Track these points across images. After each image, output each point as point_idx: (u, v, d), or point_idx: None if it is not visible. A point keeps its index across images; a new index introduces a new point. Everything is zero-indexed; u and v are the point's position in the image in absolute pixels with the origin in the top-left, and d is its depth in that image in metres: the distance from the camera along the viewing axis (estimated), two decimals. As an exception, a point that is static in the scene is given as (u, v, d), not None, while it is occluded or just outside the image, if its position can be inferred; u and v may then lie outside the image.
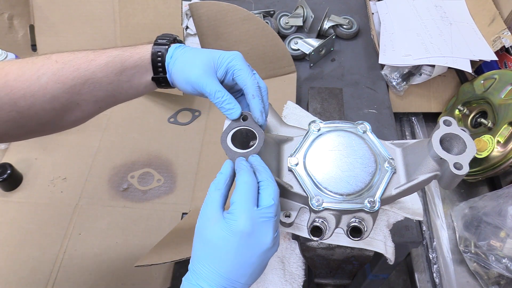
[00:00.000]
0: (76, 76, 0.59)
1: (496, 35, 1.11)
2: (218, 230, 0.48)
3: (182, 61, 0.61)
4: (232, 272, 0.48)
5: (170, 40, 0.63)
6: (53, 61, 0.59)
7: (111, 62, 0.61)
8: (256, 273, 0.50)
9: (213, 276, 0.48)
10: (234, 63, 0.59)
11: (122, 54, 0.61)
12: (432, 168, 0.56)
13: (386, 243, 0.72)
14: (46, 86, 0.58)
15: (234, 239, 0.48)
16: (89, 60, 0.60)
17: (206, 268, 0.49)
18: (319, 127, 0.63)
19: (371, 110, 1.13)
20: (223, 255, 0.48)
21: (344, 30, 1.29)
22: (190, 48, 0.63)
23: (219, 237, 0.48)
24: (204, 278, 0.48)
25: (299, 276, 0.76)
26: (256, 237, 0.49)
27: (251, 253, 0.49)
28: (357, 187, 0.57)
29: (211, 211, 0.50)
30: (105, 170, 1.05)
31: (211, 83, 0.58)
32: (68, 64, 0.59)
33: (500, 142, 0.97)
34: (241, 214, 0.48)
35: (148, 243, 0.87)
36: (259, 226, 0.49)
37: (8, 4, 1.12)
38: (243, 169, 0.52)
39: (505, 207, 0.92)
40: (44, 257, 0.90)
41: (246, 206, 0.49)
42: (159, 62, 0.62)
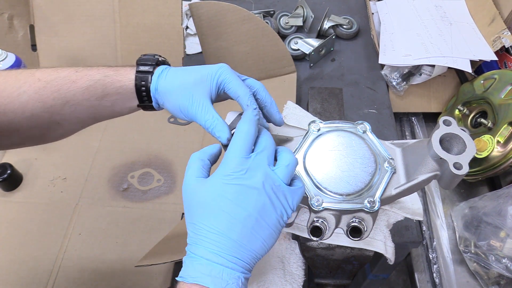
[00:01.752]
0: (56, 96, 0.58)
1: (496, 35, 1.11)
2: (208, 185, 0.47)
3: (170, 93, 0.58)
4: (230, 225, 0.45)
5: (153, 65, 0.60)
6: (35, 79, 0.58)
7: (92, 87, 0.59)
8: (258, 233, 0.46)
9: (211, 236, 0.45)
10: (223, 78, 0.57)
11: (104, 80, 0.59)
12: (432, 168, 0.56)
13: (386, 243, 0.72)
14: (26, 104, 0.58)
15: (227, 182, 0.46)
16: (70, 81, 0.59)
17: (203, 231, 0.45)
18: (319, 127, 0.63)
19: (371, 110, 1.13)
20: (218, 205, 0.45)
21: (344, 30, 1.30)
22: (174, 72, 0.59)
23: (210, 190, 0.46)
24: (201, 245, 0.45)
25: (299, 276, 0.76)
26: (246, 180, 0.46)
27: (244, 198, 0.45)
28: (357, 187, 0.57)
29: (195, 178, 0.49)
30: (105, 170, 1.05)
31: (201, 115, 0.56)
32: (50, 84, 0.58)
33: (500, 142, 0.97)
34: (232, 159, 0.47)
35: (148, 243, 0.87)
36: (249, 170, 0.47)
37: (8, 4, 1.12)
38: (247, 119, 0.51)
39: (505, 207, 0.92)
40: (44, 257, 0.90)
41: (237, 152, 0.48)
42: (144, 91, 0.60)
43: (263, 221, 0.46)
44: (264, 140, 0.51)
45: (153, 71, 0.59)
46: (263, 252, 0.47)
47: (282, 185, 0.48)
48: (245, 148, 0.49)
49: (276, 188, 0.47)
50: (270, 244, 0.47)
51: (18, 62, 1.04)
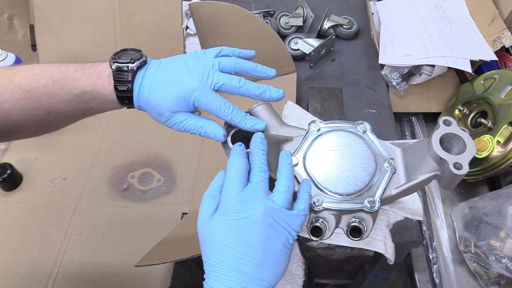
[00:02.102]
0: (39, 107, 0.58)
1: (496, 35, 1.11)
2: (213, 223, 0.49)
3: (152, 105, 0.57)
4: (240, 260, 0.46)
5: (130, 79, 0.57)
6: (15, 86, 0.57)
7: (73, 100, 0.58)
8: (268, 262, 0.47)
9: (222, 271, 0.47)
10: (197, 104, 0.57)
11: (83, 95, 0.58)
12: (432, 168, 0.56)
13: (386, 243, 0.72)
14: (9, 112, 0.57)
15: (229, 219, 0.48)
16: (50, 93, 0.57)
17: (215, 268, 0.47)
18: (319, 127, 0.63)
19: (371, 110, 1.13)
20: (225, 243, 0.47)
21: (344, 30, 1.30)
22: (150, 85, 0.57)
23: (216, 228, 0.48)
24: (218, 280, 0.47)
25: (299, 276, 0.76)
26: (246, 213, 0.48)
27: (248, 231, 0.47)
28: (357, 187, 0.57)
29: (206, 216, 0.50)
30: (105, 170, 1.05)
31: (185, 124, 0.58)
32: (30, 93, 0.57)
33: (500, 142, 0.97)
34: (229, 194, 0.49)
35: (148, 243, 0.87)
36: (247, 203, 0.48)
37: (8, 4, 1.12)
38: (234, 153, 0.53)
39: (505, 207, 0.92)
40: (44, 257, 0.90)
41: (233, 185, 0.49)
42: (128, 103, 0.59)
43: (269, 250, 0.47)
44: (257, 170, 0.51)
45: (132, 88, 0.57)
46: (276, 279, 0.48)
47: (282, 211, 0.49)
48: (238, 182, 0.50)
49: (277, 216, 0.49)
50: (282, 270, 0.49)
51: (18, 62, 1.04)
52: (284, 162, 0.54)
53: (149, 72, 0.58)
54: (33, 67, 0.59)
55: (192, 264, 1.69)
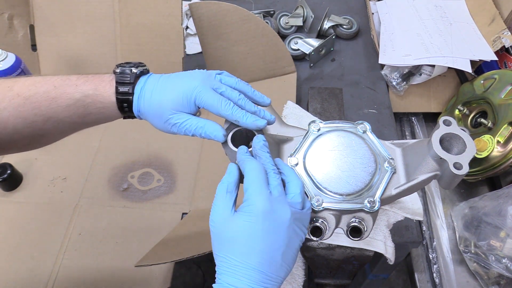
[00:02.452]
0: (37, 113, 0.58)
1: (496, 35, 1.11)
2: (238, 223, 0.48)
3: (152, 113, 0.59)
4: (262, 260, 0.47)
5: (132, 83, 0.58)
6: (15, 94, 0.57)
7: (72, 105, 0.58)
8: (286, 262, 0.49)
9: (244, 271, 0.47)
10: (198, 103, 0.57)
11: (84, 100, 0.58)
12: (432, 168, 0.56)
13: (386, 243, 0.72)
14: (7, 121, 0.57)
15: (256, 221, 0.48)
16: (50, 98, 0.58)
17: (235, 267, 0.47)
18: (319, 127, 0.63)
19: (371, 110, 1.13)
20: (249, 244, 0.47)
21: (344, 30, 1.30)
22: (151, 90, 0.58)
23: (240, 228, 0.48)
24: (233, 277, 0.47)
25: (299, 276, 0.76)
26: (276, 215, 0.48)
27: (275, 232, 0.48)
28: (357, 187, 0.57)
29: (226, 213, 0.50)
30: (105, 170, 1.05)
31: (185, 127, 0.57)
32: (29, 100, 0.57)
33: (500, 142, 0.97)
34: (258, 196, 0.49)
35: (148, 243, 0.87)
36: (275, 204, 0.49)
37: (8, 4, 1.12)
38: (247, 159, 0.53)
39: (505, 207, 0.92)
40: (44, 257, 0.90)
41: (260, 188, 0.49)
42: (127, 109, 0.60)
43: (289, 251, 0.49)
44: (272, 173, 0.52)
45: (133, 92, 0.58)
46: (287, 275, 0.50)
47: (300, 213, 0.51)
48: (265, 184, 0.50)
49: (297, 219, 0.51)
50: (293, 265, 0.51)
51: (18, 62, 1.03)
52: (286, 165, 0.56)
53: (151, 79, 0.60)
54: (34, 77, 0.60)
55: (192, 264, 1.69)
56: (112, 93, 0.58)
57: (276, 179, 0.52)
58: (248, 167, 0.52)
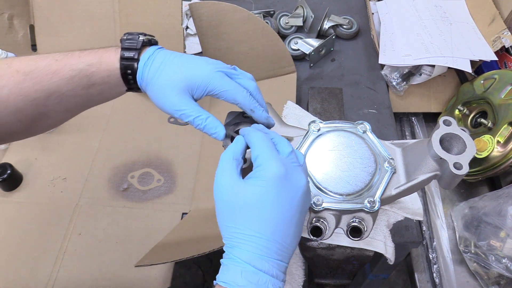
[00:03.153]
0: (39, 89, 0.55)
1: (496, 35, 1.11)
2: (250, 189, 0.45)
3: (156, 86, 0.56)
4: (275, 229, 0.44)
5: (138, 49, 0.57)
6: (13, 71, 0.55)
7: (76, 77, 0.56)
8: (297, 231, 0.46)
9: (257, 241, 0.44)
10: (213, 87, 0.55)
11: (87, 69, 0.56)
12: (432, 168, 0.56)
13: (386, 243, 0.72)
14: (7, 99, 0.55)
15: (270, 186, 0.44)
16: (51, 72, 0.55)
17: (247, 235, 0.44)
18: (319, 127, 0.63)
19: (371, 110, 1.13)
20: (263, 211, 0.44)
21: (344, 30, 1.29)
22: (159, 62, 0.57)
23: (253, 194, 0.44)
24: (245, 249, 0.44)
25: (299, 276, 0.76)
26: (291, 180, 0.46)
27: (289, 199, 0.45)
28: (357, 187, 0.57)
29: (233, 178, 0.46)
30: (105, 170, 1.05)
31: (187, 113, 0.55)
32: (30, 76, 0.55)
33: (500, 142, 0.97)
34: (271, 160, 0.46)
35: (148, 243, 0.87)
36: (290, 170, 0.46)
37: (8, 4, 1.12)
38: (252, 130, 0.51)
39: (505, 207, 0.92)
40: (44, 257, 0.90)
41: (272, 153, 0.47)
42: (131, 78, 0.57)
43: (302, 218, 0.47)
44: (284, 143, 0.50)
45: (138, 57, 0.56)
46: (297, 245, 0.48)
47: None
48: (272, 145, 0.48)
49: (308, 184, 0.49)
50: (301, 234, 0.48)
51: (18, 62, 1.04)
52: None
53: (163, 52, 0.57)
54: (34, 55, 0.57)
55: (192, 264, 1.69)
56: (116, 60, 0.56)
57: (288, 146, 0.49)
58: (254, 137, 0.49)
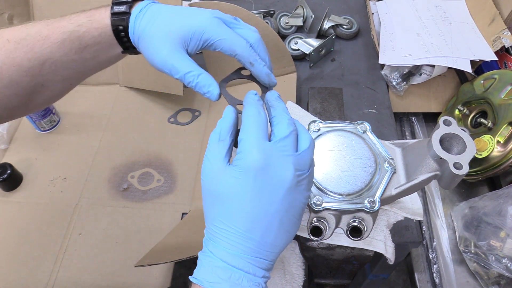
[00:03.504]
0: (31, 57, 0.52)
1: (496, 35, 1.11)
2: (227, 177, 0.41)
3: (145, 40, 0.52)
4: (252, 225, 0.40)
5: (129, 2, 0.53)
6: (5, 40, 0.53)
7: (67, 40, 0.53)
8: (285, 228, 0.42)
9: (230, 237, 0.40)
10: (208, 35, 0.50)
11: (78, 30, 0.53)
12: (432, 168, 0.56)
13: (386, 243, 0.72)
14: (1, 71, 0.52)
15: (246, 178, 0.40)
16: (42, 38, 0.52)
17: (221, 229, 0.40)
18: (319, 127, 0.63)
19: (371, 110, 1.13)
20: (237, 204, 0.40)
21: (344, 30, 1.30)
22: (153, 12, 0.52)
23: (229, 184, 0.40)
24: (219, 244, 0.40)
25: (299, 276, 0.76)
26: (272, 172, 0.40)
27: (270, 194, 0.40)
28: (357, 187, 0.57)
29: (216, 164, 0.42)
30: (105, 170, 1.05)
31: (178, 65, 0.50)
32: (21, 44, 0.52)
33: (500, 142, 0.97)
34: (252, 148, 0.40)
35: (148, 243, 0.87)
36: (274, 160, 0.40)
37: (8, 4, 1.12)
38: (250, 103, 0.45)
39: (505, 207, 0.92)
40: (44, 257, 0.90)
41: (254, 139, 0.41)
42: (124, 36, 0.53)
43: (290, 215, 0.42)
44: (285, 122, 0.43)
45: (129, 11, 0.53)
46: (287, 244, 0.43)
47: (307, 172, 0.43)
48: (261, 133, 0.42)
49: (304, 177, 0.42)
50: (295, 232, 0.43)
51: (18, 62, 1.04)
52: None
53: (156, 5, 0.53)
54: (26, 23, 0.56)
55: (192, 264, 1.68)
56: (107, 17, 0.53)
57: (285, 130, 0.42)
58: (247, 112, 0.44)
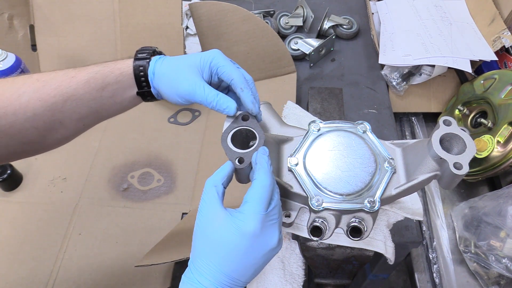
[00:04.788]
0: (57, 93, 0.59)
1: (496, 35, 1.11)
2: (225, 229, 0.49)
3: (167, 76, 0.61)
4: (236, 271, 0.49)
5: (150, 53, 0.63)
6: (34, 80, 0.59)
7: (92, 79, 0.60)
8: (257, 272, 0.51)
9: (215, 274, 0.48)
10: (216, 62, 0.59)
11: (103, 70, 0.61)
12: (432, 168, 0.56)
13: (386, 243, 0.72)
14: (27, 104, 0.58)
15: (243, 240, 0.48)
16: (70, 77, 0.60)
17: (209, 266, 0.49)
18: (319, 127, 0.63)
19: (371, 110, 1.13)
20: (229, 255, 0.48)
21: (344, 30, 1.29)
22: (170, 58, 0.62)
23: (226, 237, 0.48)
24: (205, 276, 0.48)
25: (299, 276, 0.76)
26: (264, 239, 0.49)
27: (257, 254, 0.49)
28: (357, 187, 0.57)
29: (212, 208, 0.50)
30: (105, 170, 1.05)
31: (200, 91, 0.58)
32: (49, 82, 0.59)
33: (500, 142, 0.97)
34: (253, 216, 0.49)
35: (148, 243, 0.87)
36: (267, 228, 0.50)
37: (8, 4, 1.12)
38: (264, 168, 0.52)
39: (505, 207, 0.92)
40: (44, 257, 0.90)
41: (259, 209, 0.49)
42: (142, 76, 0.61)
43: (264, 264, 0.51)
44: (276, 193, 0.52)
45: (150, 58, 0.62)
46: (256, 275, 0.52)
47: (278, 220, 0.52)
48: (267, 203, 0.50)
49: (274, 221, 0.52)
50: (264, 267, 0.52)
51: (18, 62, 1.04)
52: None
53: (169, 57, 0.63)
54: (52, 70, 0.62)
55: (192, 264, 1.68)
56: (130, 62, 0.62)
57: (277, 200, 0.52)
58: (261, 178, 0.51)
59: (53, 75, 0.60)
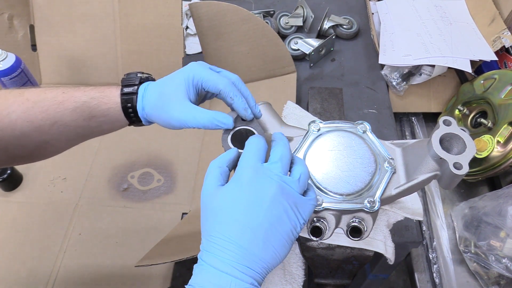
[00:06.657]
0: (44, 117, 0.60)
1: (496, 35, 1.11)
2: (222, 193, 0.47)
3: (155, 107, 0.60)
4: (241, 232, 0.45)
5: (136, 84, 0.61)
6: (24, 99, 0.60)
7: (78, 108, 0.60)
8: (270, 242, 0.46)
9: (222, 243, 0.45)
10: (198, 77, 0.58)
11: (90, 102, 0.60)
12: (432, 168, 0.56)
13: (386, 243, 0.72)
14: (15, 123, 0.59)
15: (237, 190, 0.46)
16: (57, 103, 0.60)
17: (214, 238, 0.45)
18: (319, 127, 0.63)
19: (371, 110, 1.13)
20: (229, 213, 0.46)
21: (344, 30, 1.30)
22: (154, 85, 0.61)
23: (223, 198, 0.47)
24: (214, 253, 0.45)
25: (299, 276, 0.76)
26: (258, 186, 0.46)
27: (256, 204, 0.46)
28: (356, 187, 0.57)
29: (214, 184, 0.49)
30: (105, 170, 1.05)
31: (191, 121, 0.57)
32: (38, 104, 0.60)
33: (500, 142, 0.97)
34: (245, 165, 0.48)
35: (148, 243, 0.87)
36: (261, 176, 0.47)
37: (8, 4, 1.12)
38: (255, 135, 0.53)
39: (505, 207, 0.92)
40: (44, 257, 0.90)
41: (252, 160, 0.48)
42: (132, 112, 0.61)
43: (275, 230, 0.46)
44: (279, 150, 0.51)
45: (137, 91, 0.61)
46: (275, 263, 0.47)
47: (296, 196, 0.48)
48: (258, 156, 0.49)
49: (290, 199, 0.47)
50: (283, 255, 0.47)
51: (18, 62, 1.04)
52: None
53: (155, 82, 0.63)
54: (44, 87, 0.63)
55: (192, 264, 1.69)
56: (117, 95, 0.61)
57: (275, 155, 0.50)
58: (249, 141, 0.51)
59: (42, 96, 0.60)
